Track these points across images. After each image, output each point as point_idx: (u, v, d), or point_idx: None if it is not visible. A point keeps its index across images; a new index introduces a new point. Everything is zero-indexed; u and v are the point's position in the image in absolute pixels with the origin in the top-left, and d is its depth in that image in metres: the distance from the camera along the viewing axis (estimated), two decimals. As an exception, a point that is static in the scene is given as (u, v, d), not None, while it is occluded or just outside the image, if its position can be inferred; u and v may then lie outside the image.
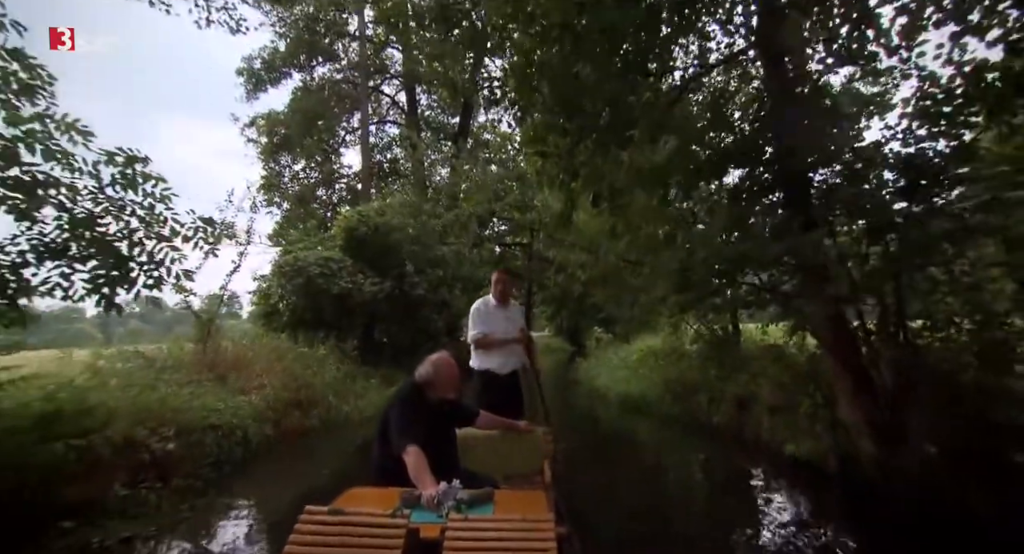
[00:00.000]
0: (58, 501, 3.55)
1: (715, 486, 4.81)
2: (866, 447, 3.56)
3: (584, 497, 3.86)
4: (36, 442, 3.46)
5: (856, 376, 3.67)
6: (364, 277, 10.33)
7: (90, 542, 3.26)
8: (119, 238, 2.95)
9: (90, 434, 3.93)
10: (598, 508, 3.86)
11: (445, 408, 2.51)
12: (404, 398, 2.43)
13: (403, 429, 2.22)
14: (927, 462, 3.04)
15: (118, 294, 2.97)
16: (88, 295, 2.89)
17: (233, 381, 6.65)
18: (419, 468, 2.03)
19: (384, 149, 22.15)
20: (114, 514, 3.69)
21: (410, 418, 2.28)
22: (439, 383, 2.46)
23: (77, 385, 4.23)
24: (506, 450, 2.81)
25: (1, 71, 2.80)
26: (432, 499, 1.83)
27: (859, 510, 3.56)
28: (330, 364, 8.79)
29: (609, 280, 6.94)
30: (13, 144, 2.84)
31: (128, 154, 3.00)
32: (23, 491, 3.33)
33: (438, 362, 2.48)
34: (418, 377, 2.48)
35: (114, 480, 3.97)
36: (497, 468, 2.66)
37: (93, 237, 2.83)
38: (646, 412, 7.92)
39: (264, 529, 3.73)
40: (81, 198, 2.89)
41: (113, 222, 2.94)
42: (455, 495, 1.85)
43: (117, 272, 2.91)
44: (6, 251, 2.69)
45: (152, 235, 3.05)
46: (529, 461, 2.82)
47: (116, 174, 3.01)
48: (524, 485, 2.61)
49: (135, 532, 3.47)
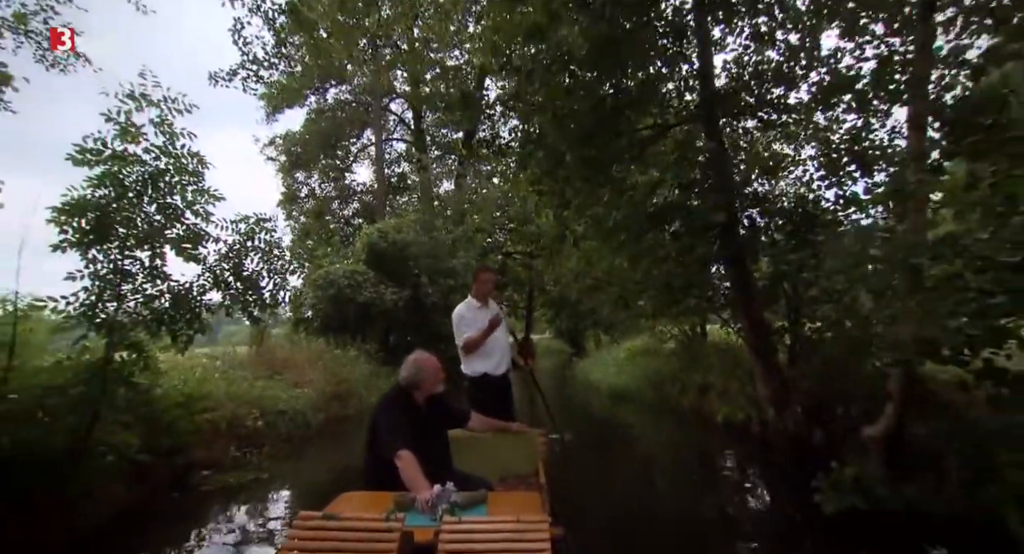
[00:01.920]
0: (195, 458, 5.02)
1: (675, 447, 6.31)
2: (770, 413, 5.00)
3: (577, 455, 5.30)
4: (182, 417, 4.91)
5: (765, 362, 5.10)
6: (385, 287, 11.78)
7: (228, 483, 4.70)
8: (255, 274, 4.40)
9: (211, 412, 5.40)
10: (587, 461, 5.30)
11: (434, 410, 2.52)
12: (391, 403, 2.43)
13: (393, 434, 2.21)
14: (796, 419, 4.48)
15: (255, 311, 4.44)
16: (240, 312, 4.35)
17: (287, 377, 8.09)
18: (412, 472, 2.03)
19: (392, 163, 23.65)
20: (231, 468, 5.15)
21: (399, 422, 2.28)
22: (425, 380, 2.46)
23: (196, 377, 5.69)
24: (500, 451, 2.81)
25: (179, 163, 4.24)
26: (426, 502, 1.84)
27: (765, 455, 5.03)
28: (360, 363, 10.25)
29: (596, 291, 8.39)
30: (182, 210, 4.30)
31: (257, 216, 4.50)
32: (179, 449, 4.79)
33: (418, 360, 2.48)
34: (403, 381, 2.47)
35: (229, 445, 5.44)
36: (492, 470, 2.66)
37: (239, 274, 4.28)
38: (630, 400, 9.37)
39: (328, 479, 5.14)
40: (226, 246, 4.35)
41: (251, 263, 4.39)
42: (449, 498, 1.86)
43: (257, 297, 4.36)
44: (194, 284, 4.14)
45: (273, 271, 4.50)
46: (524, 462, 2.80)
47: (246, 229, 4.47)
48: (519, 486, 2.60)
49: (253, 478, 4.92)
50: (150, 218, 4.12)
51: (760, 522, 3.81)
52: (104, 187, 3.88)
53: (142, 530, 3.76)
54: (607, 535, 3.33)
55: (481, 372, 3.50)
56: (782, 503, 3.97)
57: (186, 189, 4.27)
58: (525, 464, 2.79)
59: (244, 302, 4.44)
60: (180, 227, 4.25)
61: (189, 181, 4.28)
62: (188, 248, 4.25)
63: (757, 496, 4.42)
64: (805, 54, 5.08)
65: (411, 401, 2.44)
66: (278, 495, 4.68)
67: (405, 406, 2.41)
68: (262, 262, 4.57)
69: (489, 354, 3.50)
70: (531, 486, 2.53)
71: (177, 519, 3.96)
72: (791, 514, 3.60)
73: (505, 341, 3.66)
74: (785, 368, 5.01)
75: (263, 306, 4.45)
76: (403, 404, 2.41)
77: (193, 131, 4.25)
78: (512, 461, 2.80)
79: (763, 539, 3.39)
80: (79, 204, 3.78)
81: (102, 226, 3.79)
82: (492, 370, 3.51)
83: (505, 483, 2.64)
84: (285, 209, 20.47)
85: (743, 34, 5.58)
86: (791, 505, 3.69)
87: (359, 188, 21.90)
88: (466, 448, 2.71)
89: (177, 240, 4.20)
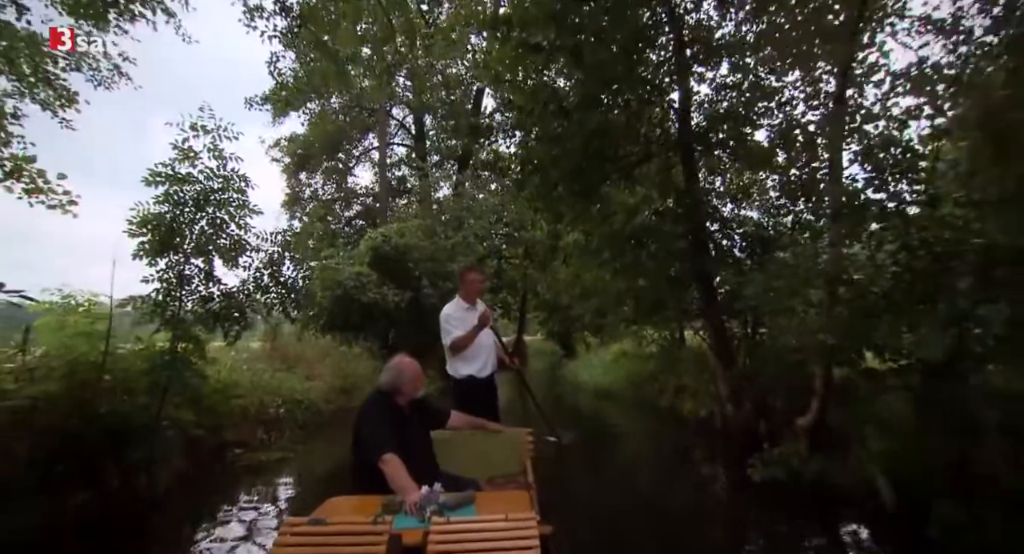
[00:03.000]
0: (228, 438, 5.73)
1: (649, 438, 7.11)
2: (728, 409, 5.81)
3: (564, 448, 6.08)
4: (220, 401, 5.63)
5: (725, 365, 5.91)
6: (387, 289, 12.50)
7: (260, 461, 5.43)
8: (289, 280, 5.16)
9: (240, 399, 6.12)
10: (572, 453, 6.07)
11: (417, 412, 2.55)
12: (373, 407, 2.44)
13: (377, 438, 2.22)
14: (747, 414, 5.31)
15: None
16: (280, 311, 5.12)
17: (300, 371, 8.80)
18: (398, 474, 2.05)
19: (393, 166, 24.37)
20: (259, 448, 5.87)
21: (383, 426, 2.30)
22: (405, 383, 2.48)
23: (227, 367, 6.42)
24: (488, 452, 2.82)
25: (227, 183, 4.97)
26: (414, 504, 1.85)
27: (724, 444, 5.85)
28: (364, 360, 10.97)
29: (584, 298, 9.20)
30: (226, 222, 5.04)
31: (285, 229, 5.29)
32: (217, 429, 5.51)
33: (400, 365, 2.51)
34: (383, 385, 2.49)
35: (256, 429, 6.16)
36: (479, 470, 2.69)
37: (278, 279, 5.03)
38: (613, 398, 10.18)
39: (344, 461, 5.87)
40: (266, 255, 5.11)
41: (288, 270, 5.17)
42: (437, 499, 1.87)
43: (290, 297, 5.12)
44: (241, 288, 4.89)
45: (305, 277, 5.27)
46: (511, 462, 2.81)
47: (282, 241, 5.22)
48: (508, 486, 2.61)
49: (279, 457, 5.64)
50: (204, 230, 4.86)
51: (711, 493, 4.65)
52: (169, 204, 4.63)
53: (197, 495, 4.49)
54: (589, 519, 3.88)
55: (466, 374, 3.50)
56: (731, 478, 4.82)
57: (231, 205, 5.02)
58: (513, 464, 2.79)
59: (283, 303, 5.19)
60: (226, 238, 5.00)
61: (235, 198, 5.03)
62: (233, 256, 5.00)
63: (712, 476, 5.25)
64: (764, 99, 5.92)
65: (393, 404, 2.46)
66: (303, 472, 5.41)
67: (388, 409, 2.42)
68: (295, 269, 5.32)
69: (475, 357, 3.50)
70: (519, 485, 2.54)
71: (225, 487, 4.70)
72: (735, 486, 4.43)
73: (491, 344, 3.64)
74: (742, 370, 5.82)
75: (299, 306, 5.18)
76: (386, 407, 2.43)
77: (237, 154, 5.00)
78: (500, 461, 2.80)
79: (712, 503, 4.23)
80: (147, 219, 4.52)
81: (166, 238, 4.54)
82: (478, 372, 3.51)
83: (493, 483, 2.65)
84: (289, 210, 21.20)
85: (713, 83, 6.43)
86: (736, 479, 4.53)
87: (361, 191, 22.65)
88: (453, 449, 2.73)
89: (224, 249, 4.95)
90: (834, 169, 4.27)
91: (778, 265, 4.20)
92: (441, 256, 13.84)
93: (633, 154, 6.90)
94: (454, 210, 16.79)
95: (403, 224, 14.28)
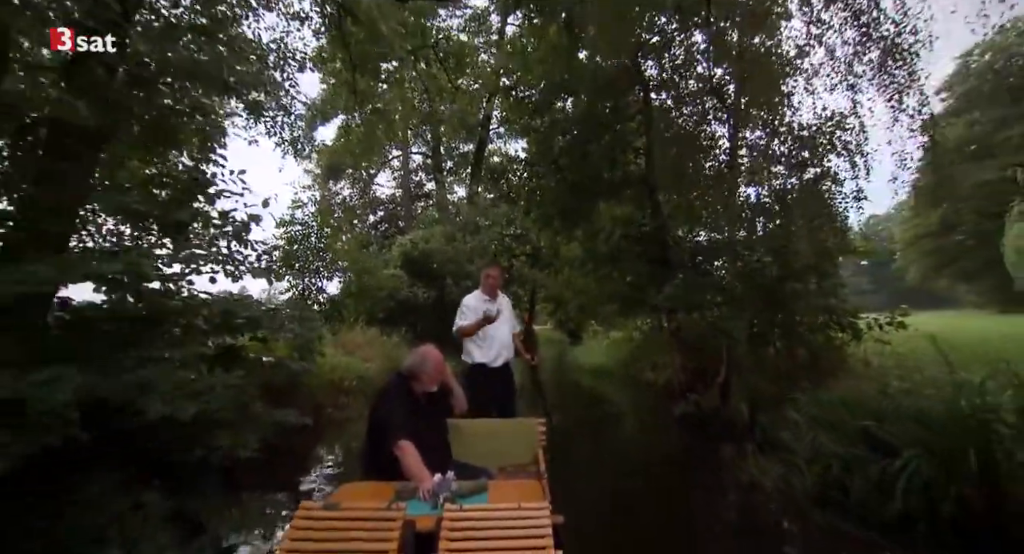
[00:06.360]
0: (322, 401, 8.10)
1: (632, 402, 9.41)
2: (680, 378, 8.03)
3: (564, 408, 8.32)
4: (318, 373, 7.99)
5: (678, 346, 8.11)
6: (417, 288, 14.85)
7: (346, 417, 7.78)
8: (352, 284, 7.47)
9: (328, 374, 8.49)
10: (571, 410, 8.35)
11: (433, 401, 2.57)
12: (391, 394, 2.47)
13: (394, 424, 2.25)
14: (690, 380, 7.55)
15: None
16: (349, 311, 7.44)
17: (359, 354, 11.18)
18: (413, 461, 2.09)
19: (410, 173, 26.64)
20: (342, 408, 8.23)
21: (400, 412, 2.32)
22: (426, 372, 2.50)
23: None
24: (500, 441, 2.86)
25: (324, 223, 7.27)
26: (428, 491, 1.90)
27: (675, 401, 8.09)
28: (401, 347, 13.35)
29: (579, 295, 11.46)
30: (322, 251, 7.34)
31: (367, 256, 7.58)
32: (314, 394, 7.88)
33: (425, 353, 2.53)
34: (406, 369, 2.53)
35: (338, 395, 8.54)
36: (492, 459, 2.71)
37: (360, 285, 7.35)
38: (607, 376, 12.45)
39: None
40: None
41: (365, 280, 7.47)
42: (450, 486, 1.92)
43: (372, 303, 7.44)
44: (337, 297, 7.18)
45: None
46: (524, 451, 2.84)
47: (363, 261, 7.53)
48: (519, 475, 2.64)
49: (359, 415, 7.99)
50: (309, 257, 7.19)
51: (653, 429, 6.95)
52: (290, 239, 6.94)
53: (310, 435, 6.84)
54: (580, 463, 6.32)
55: (479, 362, 3.70)
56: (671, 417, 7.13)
57: (324, 238, 7.34)
58: (525, 453, 2.83)
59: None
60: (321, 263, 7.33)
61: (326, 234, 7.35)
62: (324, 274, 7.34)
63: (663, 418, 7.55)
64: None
65: (411, 391, 2.50)
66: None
67: (405, 396, 2.46)
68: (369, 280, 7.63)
69: (488, 346, 3.69)
70: (531, 475, 2.59)
71: (328, 432, 7.06)
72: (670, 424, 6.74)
73: (507, 334, 3.82)
74: (690, 350, 8.04)
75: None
76: (403, 394, 2.47)
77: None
78: (512, 450, 2.85)
79: (651, 433, 6.50)
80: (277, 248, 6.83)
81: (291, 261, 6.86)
82: (490, 361, 3.69)
83: (505, 472, 2.70)
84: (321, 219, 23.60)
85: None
86: (673, 421, 6.84)
87: (384, 197, 24.99)
88: (466, 438, 2.79)
89: (319, 270, 7.29)
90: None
91: (690, 276, 6.40)
92: (461, 258, 16.13)
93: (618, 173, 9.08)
94: (470, 215, 19.04)
95: (427, 231, 16.57)
